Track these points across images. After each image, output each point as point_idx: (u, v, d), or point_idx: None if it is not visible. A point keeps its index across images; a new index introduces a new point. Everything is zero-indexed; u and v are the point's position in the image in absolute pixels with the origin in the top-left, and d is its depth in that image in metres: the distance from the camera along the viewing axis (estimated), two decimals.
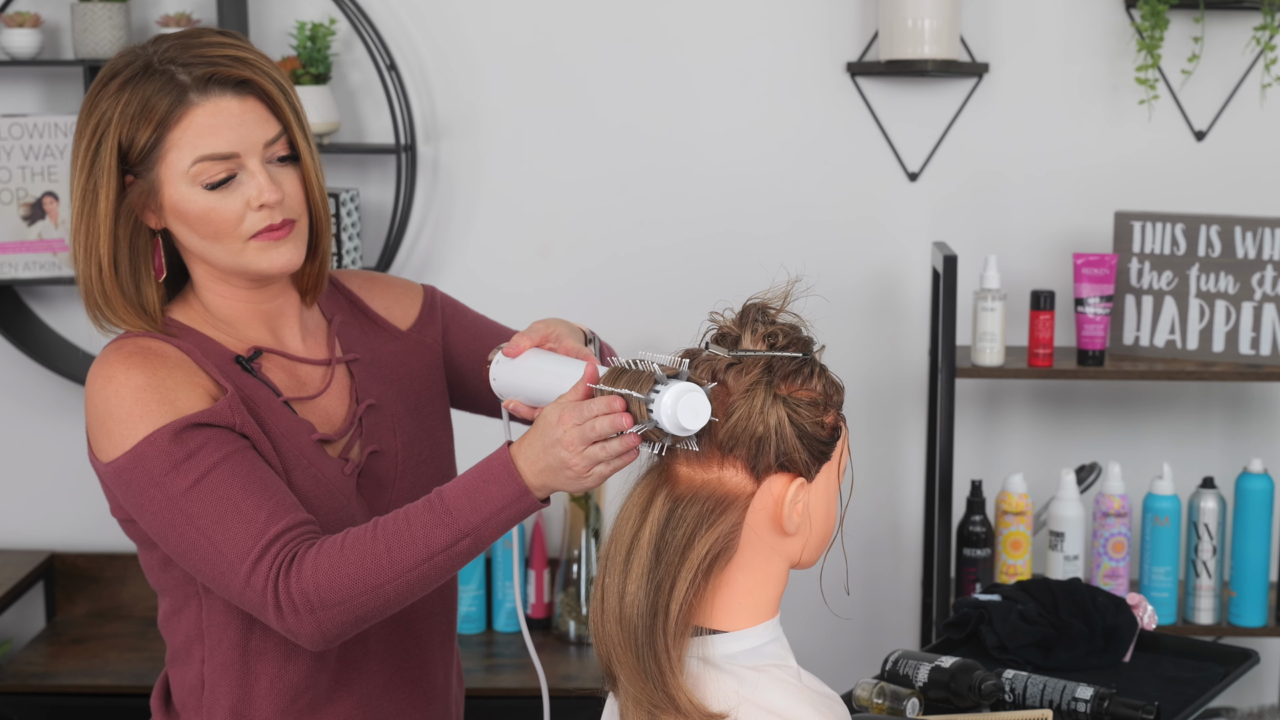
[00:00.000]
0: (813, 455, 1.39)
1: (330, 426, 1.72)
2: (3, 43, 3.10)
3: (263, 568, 1.54)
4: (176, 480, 1.56)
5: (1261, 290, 2.94)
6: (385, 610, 1.56)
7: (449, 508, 1.53)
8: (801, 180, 3.22)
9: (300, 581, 1.53)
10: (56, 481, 3.31)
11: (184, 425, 1.57)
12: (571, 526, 3.17)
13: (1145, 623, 2.17)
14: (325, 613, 1.53)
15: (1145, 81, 3.07)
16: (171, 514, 1.57)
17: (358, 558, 1.53)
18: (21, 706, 2.96)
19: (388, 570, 1.52)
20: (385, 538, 1.53)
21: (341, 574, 1.52)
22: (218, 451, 1.57)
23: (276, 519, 1.56)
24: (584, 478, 1.48)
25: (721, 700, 1.35)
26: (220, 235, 1.63)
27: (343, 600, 1.53)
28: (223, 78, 1.61)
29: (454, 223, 3.25)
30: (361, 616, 1.55)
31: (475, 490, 1.52)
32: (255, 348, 1.70)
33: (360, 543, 1.53)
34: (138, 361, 1.61)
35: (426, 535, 1.52)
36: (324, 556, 1.53)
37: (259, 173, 1.62)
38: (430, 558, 1.53)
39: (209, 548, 1.56)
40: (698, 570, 1.36)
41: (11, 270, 3.10)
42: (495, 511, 1.52)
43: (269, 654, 1.68)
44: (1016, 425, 3.28)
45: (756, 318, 1.41)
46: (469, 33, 3.20)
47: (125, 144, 1.61)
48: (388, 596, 1.54)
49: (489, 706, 2.93)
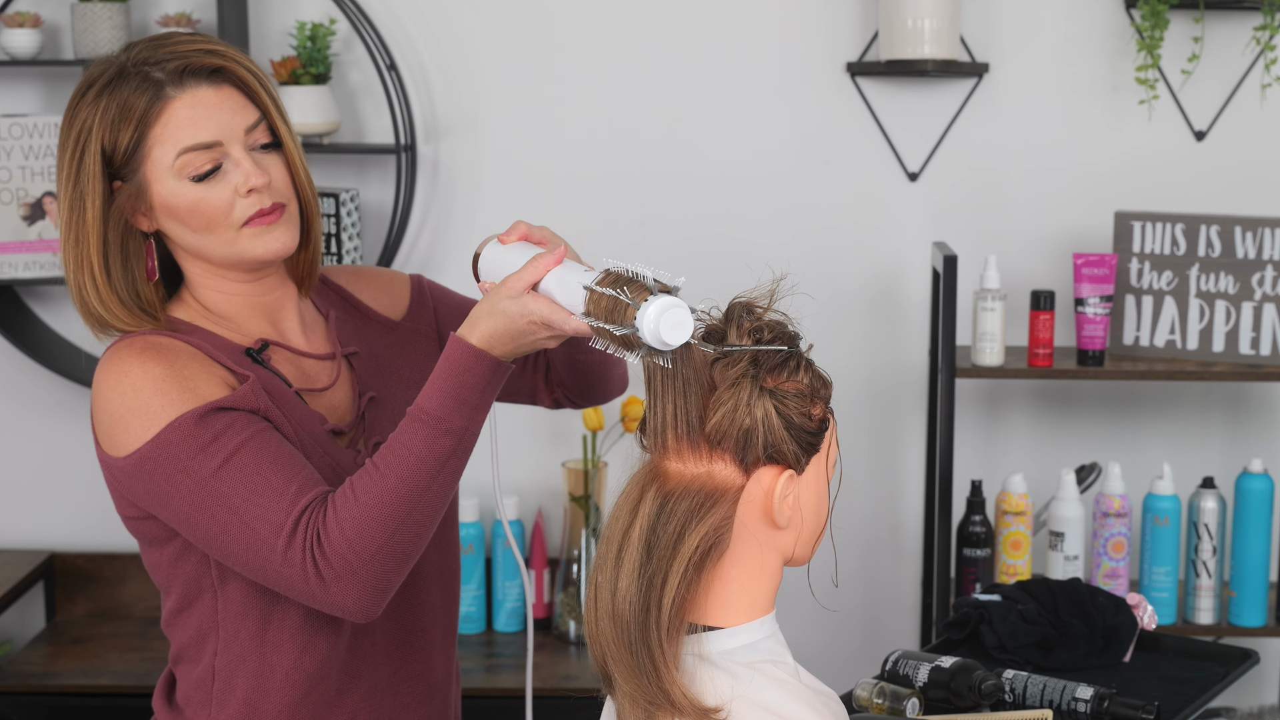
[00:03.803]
0: (801, 447, 1.39)
1: (338, 419, 1.73)
2: (3, 43, 3.10)
3: (298, 540, 1.53)
4: (204, 462, 1.56)
5: (1261, 290, 2.94)
6: (421, 540, 1.56)
7: (438, 415, 1.54)
8: (801, 180, 3.22)
9: (331, 544, 1.53)
10: (56, 481, 3.31)
11: (208, 409, 1.57)
12: (571, 526, 3.17)
13: (1145, 623, 2.17)
14: (367, 568, 1.53)
15: (1145, 81, 3.07)
16: (201, 496, 1.56)
17: (375, 499, 1.53)
18: (21, 706, 2.96)
19: (409, 498, 1.53)
20: (393, 470, 1.53)
21: (367, 521, 1.52)
22: (244, 431, 1.57)
23: (307, 490, 1.56)
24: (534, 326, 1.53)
25: (716, 696, 1.36)
26: (212, 226, 1.64)
27: (379, 546, 1.53)
28: (196, 68, 1.63)
29: (454, 223, 3.25)
30: (402, 556, 1.55)
31: (452, 390, 1.54)
32: (262, 340, 1.71)
33: (371, 484, 1.54)
34: (152, 354, 1.61)
35: (431, 447, 1.54)
36: (343, 512, 1.53)
37: (244, 159, 1.64)
38: (443, 466, 1.54)
39: (242, 527, 1.55)
40: (689, 565, 1.36)
41: (11, 270, 3.10)
42: (480, 398, 1.55)
43: (286, 645, 1.68)
44: (1016, 425, 3.28)
45: (742, 314, 1.42)
46: (469, 33, 3.20)
47: (108, 149, 1.62)
48: (419, 523, 1.54)
49: (489, 706, 2.93)
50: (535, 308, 1.52)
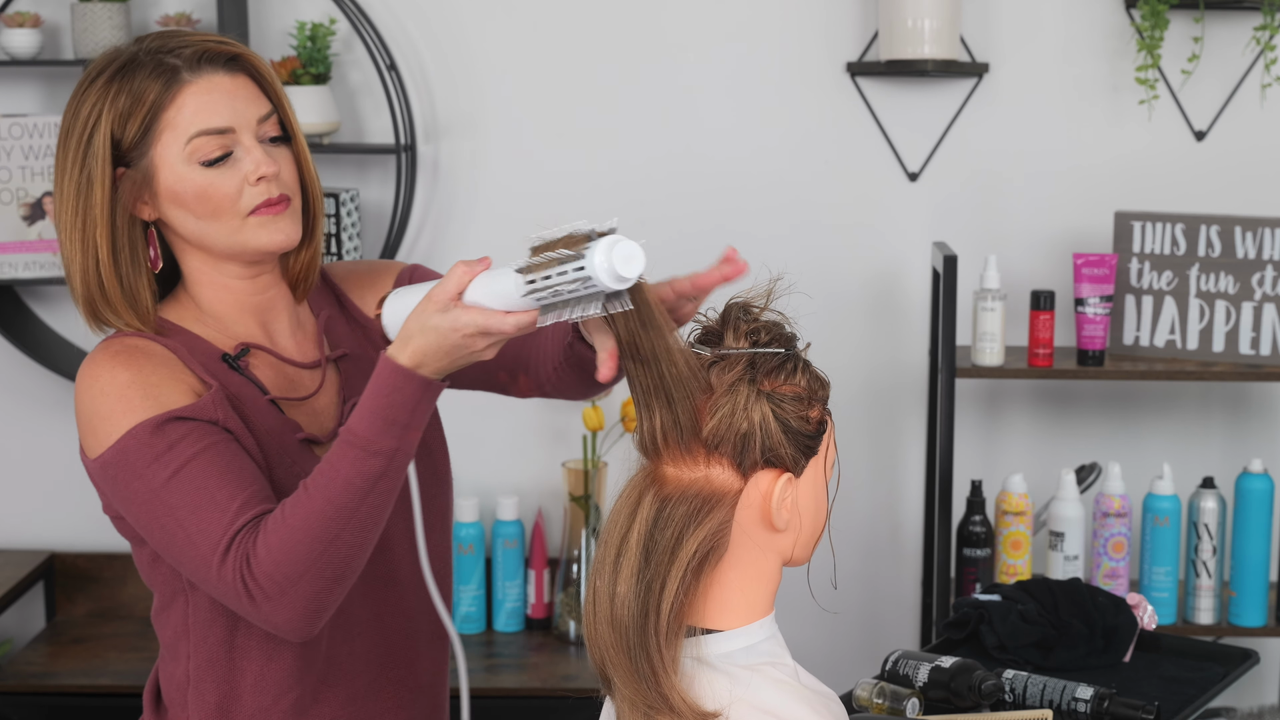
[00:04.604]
0: (799, 450, 1.39)
1: (319, 426, 1.71)
2: (3, 43, 3.10)
3: (231, 557, 1.52)
4: (157, 472, 1.55)
5: (1261, 290, 2.94)
6: (354, 561, 1.53)
7: (366, 438, 1.50)
8: (801, 180, 3.22)
9: (260, 565, 1.51)
10: (56, 481, 3.31)
11: (166, 418, 1.57)
12: (571, 526, 3.17)
13: (1145, 623, 2.17)
14: (295, 589, 1.51)
15: (1145, 81, 3.07)
16: (153, 505, 1.56)
17: (302, 521, 1.50)
18: (21, 706, 2.96)
19: (335, 520, 1.50)
20: (320, 492, 1.51)
21: (292, 543, 1.50)
22: (199, 443, 1.57)
23: (249, 507, 1.54)
24: (469, 339, 1.46)
25: (715, 700, 1.35)
26: (218, 212, 1.64)
27: (306, 568, 1.50)
28: (213, 54, 1.63)
29: (454, 223, 3.25)
30: (332, 576, 1.52)
31: (381, 410, 1.50)
32: (243, 345, 1.69)
33: (299, 506, 1.51)
34: (123, 360, 1.61)
35: (360, 470, 1.50)
36: (271, 533, 1.51)
37: (254, 148, 1.63)
38: (372, 487, 1.51)
39: (185, 540, 1.55)
40: (687, 569, 1.35)
41: (11, 270, 3.10)
42: (410, 419, 1.51)
43: (254, 651, 1.67)
44: (1016, 425, 3.28)
45: (739, 316, 1.41)
46: (469, 33, 3.20)
47: (118, 133, 1.62)
48: (348, 544, 1.51)
49: (489, 706, 2.93)
50: (467, 319, 1.45)
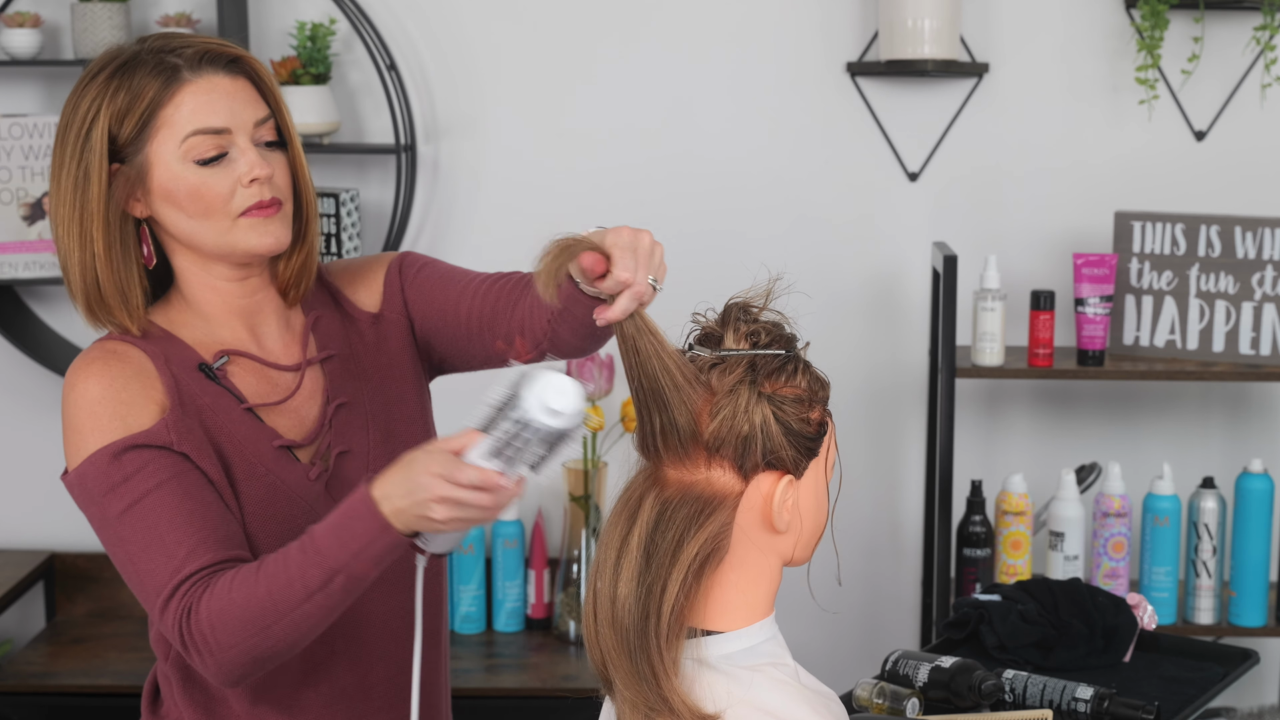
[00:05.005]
0: (800, 452, 1.39)
1: (300, 431, 1.70)
2: (3, 43, 3.10)
3: (173, 606, 1.54)
4: (112, 503, 1.58)
5: (1261, 290, 2.94)
6: (284, 649, 1.54)
7: (319, 547, 1.51)
8: (801, 180, 3.22)
9: (198, 623, 1.53)
10: (56, 481, 3.26)
11: (123, 447, 1.58)
12: (571, 526, 3.17)
13: (1145, 623, 2.17)
14: (223, 654, 1.53)
15: (1145, 81, 3.07)
16: (108, 534, 1.60)
17: (243, 600, 1.52)
18: (21, 706, 2.96)
19: (271, 612, 1.51)
20: (266, 579, 1.52)
21: (230, 616, 1.52)
22: (154, 477, 1.58)
23: (196, 556, 1.55)
24: (441, 525, 1.47)
25: (715, 702, 1.35)
26: (210, 212, 1.64)
27: (236, 642, 1.52)
28: (215, 55, 1.64)
29: (454, 223, 3.25)
30: (258, 657, 1.54)
31: (340, 527, 1.50)
32: (223, 351, 1.69)
33: (245, 584, 1.52)
34: (98, 369, 1.63)
35: (302, 575, 1.51)
36: (215, 598, 1.53)
37: (249, 150, 1.64)
38: (309, 597, 1.51)
39: (135, 574, 1.58)
40: (688, 572, 1.35)
41: (11, 270, 3.10)
42: (361, 548, 1.50)
43: None
44: (1016, 425, 3.28)
45: (739, 317, 1.41)
46: (469, 33, 3.20)
47: (115, 129, 1.62)
48: (279, 637, 1.52)
49: (489, 706, 2.93)
50: (458, 517, 1.46)
